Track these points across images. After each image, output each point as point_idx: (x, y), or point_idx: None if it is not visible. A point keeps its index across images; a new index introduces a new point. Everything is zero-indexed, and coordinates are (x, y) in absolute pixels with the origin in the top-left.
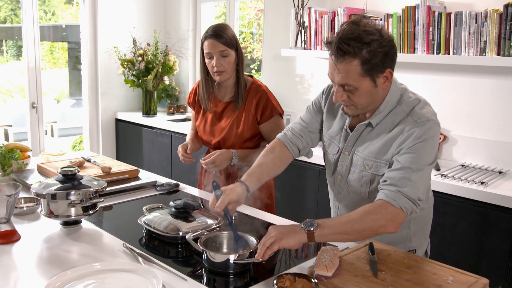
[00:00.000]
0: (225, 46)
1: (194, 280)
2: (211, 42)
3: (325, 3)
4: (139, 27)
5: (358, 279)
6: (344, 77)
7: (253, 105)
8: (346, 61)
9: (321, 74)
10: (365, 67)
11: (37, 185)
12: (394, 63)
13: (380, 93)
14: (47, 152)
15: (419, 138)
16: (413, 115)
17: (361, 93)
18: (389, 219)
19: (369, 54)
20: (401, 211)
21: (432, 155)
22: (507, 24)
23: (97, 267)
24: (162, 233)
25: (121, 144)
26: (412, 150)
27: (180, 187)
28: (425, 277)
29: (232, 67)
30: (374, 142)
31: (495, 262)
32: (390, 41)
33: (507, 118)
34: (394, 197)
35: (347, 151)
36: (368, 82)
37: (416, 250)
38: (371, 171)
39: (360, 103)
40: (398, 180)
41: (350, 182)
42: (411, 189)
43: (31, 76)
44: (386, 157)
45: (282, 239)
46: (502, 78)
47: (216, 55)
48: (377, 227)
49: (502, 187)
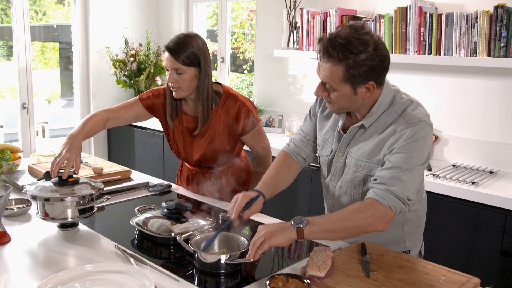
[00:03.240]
0: (180, 64)
1: (186, 281)
2: (168, 57)
3: (317, 3)
4: (131, 28)
5: (351, 279)
6: (326, 77)
7: (231, 118)
8: (330, 63)
9: (314, 74)
10: (347, 74)
11: (32, 187)
12: (380, 77)
13: (359, 101)
14: (38, 153)
15: (410, 138)
16: (405, 116)
17: (339, 96)
18: (377, 217)
19: (353, 63)
20: (389, 209)
21: (424, 155)
22: (497, 25)
23: (88, 269)
24: (154, 234)
25: (113, 145)
26: (403, 150)
27: (173, 188)
28: (417, 277)
29: (189, 84)
30: (366, 143)
31: (486, 261)
32: (383, 56)
33: (498, 118)
34: (383, 195)
35: (340, 152)
36: (348, 88)
37: (410, 251)
38: (364, 172)
39: (338, 104)
40: (388, 179)
41: (343, 183)
42: (400, 188)
43: (21, 76)
44: (378, 158)
45: (271, 237)
46: (493, 78)
47: (171, 71)
48: (366, 225)
49: (493, 187)
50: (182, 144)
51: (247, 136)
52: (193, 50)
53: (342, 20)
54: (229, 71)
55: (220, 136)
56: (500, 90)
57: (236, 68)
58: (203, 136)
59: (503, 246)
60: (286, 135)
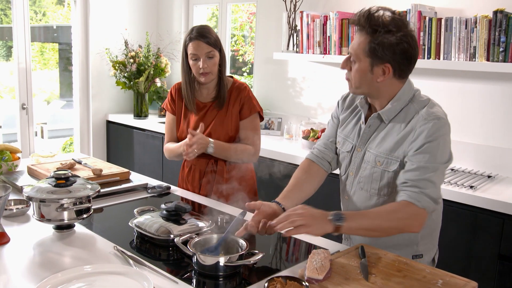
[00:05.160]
0: (211, 47)
1: (185, 283)
2: (197, 44)
3: (317, 7)
4: (131, 29)
5: (349, 282)
6: (353, 47)
7: (236, 103)
8: (360, 34)
9: (313, 77)
10: (370, 48)
11: (29, 188)
12: (400, 67)
13: (375, 84)
14: (37, 153)
15: (430, 136)
16: (424, 114)
17: (358, 69)
18: (414, 219)
19: (379, 40)
20: (424, 211)
21: (446, 153)
22: (496, 30)
23: (87, 270)
24: (153, 236)
25: (112, 146)
26: (425, 150)
27: (172, 189)
28: (415, 280)
29: (216, 68)
30: (386, 139)
31: (484, 265)
32: (408, 47)
33: (496, 123)
34: (418, 198)
35: (360, 148)
36: (367, 63)
37: (423, 255)
38: (382, 167)
39: (354, 80)
40: (418, 181)
41: (361, 178)
42: (433, 190)
43: (21, 77)
44: (397, 154)
45: (310, 226)
46: (491, 83)
47: (203, 57)
48: (403, 226)
49: (491, 191)
50: (192, 127)
51: (243, 121)
52: (214, 35)
53: (342, 24)
54: (228, 73)
55: (227, 121)
56: (499, 95)
57: (235, 71)
58: (211, 119)
59: (500, 250)
60: (285, 138)
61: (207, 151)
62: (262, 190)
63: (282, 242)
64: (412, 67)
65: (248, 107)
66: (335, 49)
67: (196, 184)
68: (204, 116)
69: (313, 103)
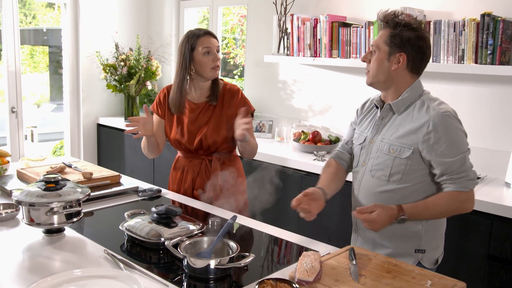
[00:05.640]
0: (218, 43)
1: (175, 286)
2: (209, 38)
3: (307, 10)
4: (121, 32)
5: (339, 284)
6: (376, 39)
7: (232, 105)
8: (385, 28)
9: (304, 80)
10: (390, 38)
11: (18, 192)
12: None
13: (390, 72)
14: (27, 157)
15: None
16: (435, 108)
17: (375, 58)
18: (466, 202)
19: (398, 32)
20: (472, 192)
21: (465, 142)
22: (484, 33)
23: (77, 274)
24: (143, 239)
25: (103, 150)
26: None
27: (162, 192)
28: (404, 282)
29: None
30: (399, 128)
31: (473, 266)
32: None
33: (485, 124)
34: (463, 185)
35: (372, 139)
36: (385, 51)
37: (426, 251)
38: (395, 155)
39: (372, 69)
40: (456, 174)
41: (373, 167)
42: (469, 173)
43: (10, 80)
44: (411, 143)
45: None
46: (480, 85)
47: (215, 52)
48: (459, 210)
49: (480, 192)
50: (185, 129)
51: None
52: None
53: (332, 27)
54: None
55: (222, 121)
56: (487, 97)
57: (226, 73)
58: (206, 120)
59: (489, 250)
60: (276, 140)
61: (245, 140)
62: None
63: (274, 244)
64: (424, 65)
65: (247, 108)
66: (325, 52)
67: (189, 186)
68: (197, 117)
69: (304, 106)
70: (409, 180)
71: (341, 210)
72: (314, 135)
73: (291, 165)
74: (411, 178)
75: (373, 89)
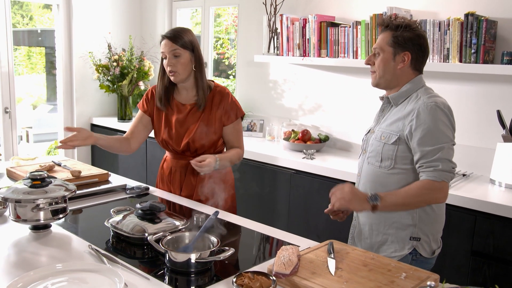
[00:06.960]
0: (176, 45)
1: (157, 279)
2: (165, 42)
3: (296, 10)
4: (114, 33)
5: (315, 276)
6: (378, 42)
7: (220, 108)
8: (385, 31)
9: (294, 79)
10: (393, 39)
11: (5, 189)
12: (414, 53)
13: (396, 71)
14: (18, 156)
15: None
16: (424, 99)
17: (381, 59)
18: (437, 192)
19: (399, 33)
20: (444, 183)
21: (447, 134)
22: (468, 32)
23: (59, 268)
24: (128, 235)
25: (97, 149)
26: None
27: (150, 190)
28: (379, 274)
29: (185, 68)
30: (392, 118)
31: (457, 261)
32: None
33: (470, 122)
34: (435, 175)
35: (373, 130)
36: (390, 52)
37: (421, 239)
38: (384, 141)
39: (378, 70)
40: (431, 162)
41: (370, 153)
42: (445, 164)
43: (4, 81)
44: (396, 129)
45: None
46: (465, 84)
47: (169, 55)
48: (430, 199)
49: (465, 189)
50: (173, 130)
51: (229, 126)
52: (187, 37)
53: (321, 26)
54: (212, 76)
55: (210, 124)
56: (472, 95)
57: (219, 73)
58: (194, 122)
59: (473, 246)
60: (267, 139)
61: (215, 168)
62: (239, 190)
63: (256, 239)
64: (424, 61)
65: (234, 112)
66: (314, 51)
67: (177, 185)
68: (186, 118)
69: (294, 105)
70: (399, 167)
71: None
72: (304, 134)
73: (280, 164)
74: (400, 165)
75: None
